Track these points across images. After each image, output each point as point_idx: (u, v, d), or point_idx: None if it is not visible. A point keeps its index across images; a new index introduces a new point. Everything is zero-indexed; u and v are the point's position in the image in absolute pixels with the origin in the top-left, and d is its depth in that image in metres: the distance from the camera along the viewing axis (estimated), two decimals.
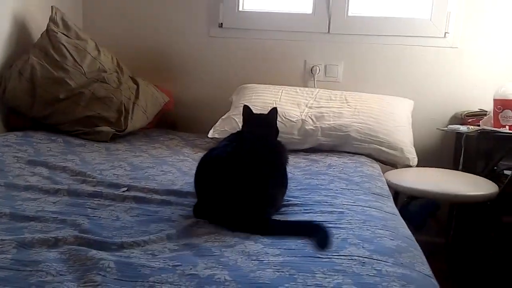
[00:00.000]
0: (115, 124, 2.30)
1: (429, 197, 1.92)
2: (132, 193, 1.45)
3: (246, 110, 1.60)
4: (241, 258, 0.93)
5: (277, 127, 1.61)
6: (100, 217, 1.21)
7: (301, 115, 2.29)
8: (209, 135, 2.27)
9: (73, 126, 2.27)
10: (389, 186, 1.87)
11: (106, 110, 2.31)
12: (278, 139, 1.58)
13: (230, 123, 2.26)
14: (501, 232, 2.07)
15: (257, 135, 1.48)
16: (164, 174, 1.75)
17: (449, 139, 2.49)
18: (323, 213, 1.27)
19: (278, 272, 0.89)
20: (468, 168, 2.21)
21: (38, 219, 1.16)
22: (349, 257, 0.94)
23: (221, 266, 0.91)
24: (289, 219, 1.24)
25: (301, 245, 1.00)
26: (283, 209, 1.32)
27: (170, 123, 2.75)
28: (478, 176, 2.09)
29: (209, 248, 0.99)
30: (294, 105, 2.36)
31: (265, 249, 0.98)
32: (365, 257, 0.94)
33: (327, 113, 2.30)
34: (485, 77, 2.48)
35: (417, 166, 2.17)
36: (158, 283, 0.85)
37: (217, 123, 2.31)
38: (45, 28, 2.35)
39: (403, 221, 1.33)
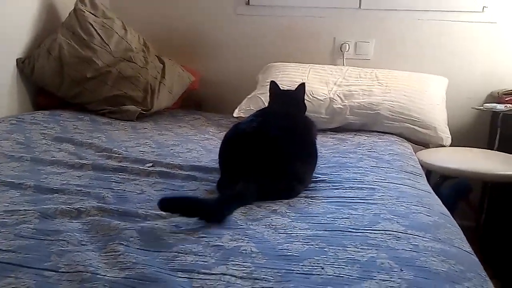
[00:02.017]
0: (141, 103, 2.29)
1: (462, 176, 1.83)
2: (158, 169, 1.43)
3: (273, 85, 1.55)
4: (268, 231, 0.89)
5: (304, 104, 1.56)
6: (124, 190, 1.19)
7: (329, 93, 2.22)
8: (235, 114, 2.23)
9: (100, 105, 2.27)
10: (421, 165, 1.79)
11: (132, 89, 2.30)
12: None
13: (256, 102, 2.22)
14: None
15: (284, 111, 1.43)
16: (189, 151, 1.72)
17: (484, 119, 2.38)
18: (352, 189, 1.22)
19: (307, 245, 0.85)
20: (504, 148, 2.10)
21: (62, 191, 1.15)
22: (382, 232, 0.88)
23: (247, 238, 0.87)
24: (318, 194, 1.19)
25: (331, 219, 0.95)
26: (312, 185, 1.27)
27: (195, 102, 2.73)
28: None
29: (234, 221, 0.95)
30: (322, 84, 2.29)
31: (293, 223, 0.94)
32: (400, 232, 0.89)
33: (356, 91, 2.22)
34: None
35: (451, 146, 2.08)
36: (182, 253, 0.82)
37: (243, 102, 2.27)
38: (73, 7, 2.35)
39: (438, 198, 1.27)
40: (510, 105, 2.17)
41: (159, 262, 0.79)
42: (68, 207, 1.01)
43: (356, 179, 1.33)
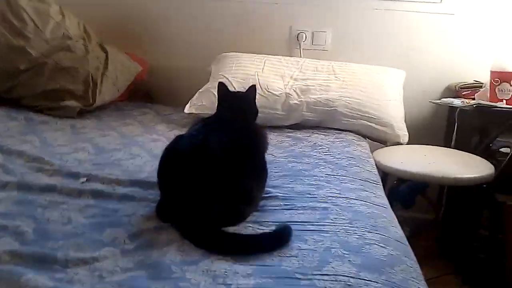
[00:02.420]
0: (82, 97, 2.11)
1: (419, 180, 1.79)
2: (92, 185, 1.28)
3: (222, 88, 1.42)
4: (205, 280, 0.79)
5: (256, 108, 1.45)
6: (49, 219, 1.05)
7: (285, 88, 2.11)
8: (186, 110, 2.09)
9: (36, 100, 2.08)
10: (377, 167, 1.74)
11: (71, 82, 2.11)
12: (260, 115, 1.43)
13: (208, 97, 2.08)
14: (494, 211, 1.97)
15: (231, 120, 1.31)
16: (132, 158, 1.58)
17: (442, 113, 2.35)
18: (305, 209, 1.13)
19: None
20: (462, 145, 2.08)
21: None
22: (332, 277, 0.80)
23: None
24: (268, 218, 1.09)
25: (277, 261, 0.86)
26: (262, 203, 1.17)
27: (144, 94, 2.56)
28: (472, 155, 1.95)
29: (168, 265, 0.84)
30: (277, 77, 2.18)
31: (234, 266, 0.84)
32: (351, 277, 0.80)
33: (313, 86, 2.12)
34: (482, 47, 2.31)
35: (408, 142, 2.04)
36: None
37: (194, 97, 2.13)
38: None
39: (393, 215, 1.20)
40: (467, 100, 2.14)
41: None
42: None
43: (310, 194, 1.25)
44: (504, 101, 2.03)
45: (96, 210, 1.12)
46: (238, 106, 1.39)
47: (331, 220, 1.07)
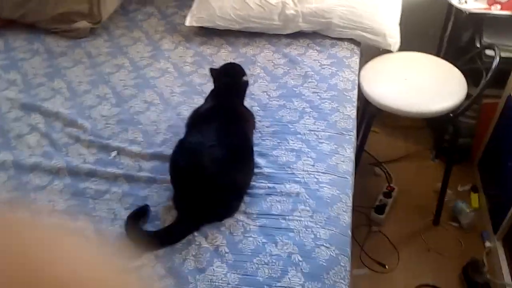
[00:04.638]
0: (89, 15, 2.24)
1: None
2: (122, 160, 1.66)
3: (213, 73, 1.64)
4: None
5: (244, 81, 1.66)
6: (101, 217, 1.49)
7: None
8: (187, 23, 2.21)
9: (50, 24, 2.23)
10: (361, 92, 1.97)
11: (77, 2, 2.20)
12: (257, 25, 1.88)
13: (207, 8, 2.17)
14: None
15: (223, 104, 1.57)
16: (147, 109, 1.88)
17: (439, 11, 2.33)
18: (282, 195, 1.50)
19: None
20: (452, 51, 2.18)
21: None
22: None
23: None
24: (253, 208, 1.48)
25: (254, 270, 1.31)
26: (249, 191, 1.52)
27: None
28: (455, 70, 2.01)
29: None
30: None
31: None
32: None
33: None
34: None
35: (403, 47, 2.15)
36: None
37: (194, 7, 2.22)
38: None
39: (350, 189, 1.56)
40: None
41: None
42: None
43: (289, 168, 1.59)
44: (499, 6, 2.02)
45: (131, 200, 1.52)
46: (228, 85, 1.63)
47: (299, 213, 1.46)
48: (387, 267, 2.11)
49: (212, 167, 1.41)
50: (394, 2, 2.17)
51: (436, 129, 2.53)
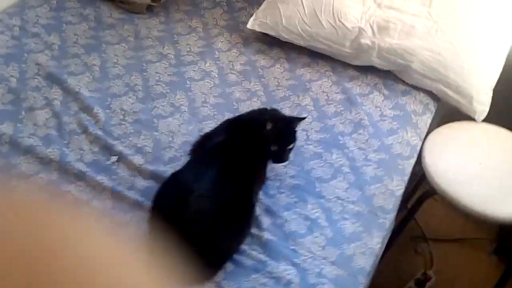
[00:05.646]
0: None
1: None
2: (118, 170, 1.48)
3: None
4: None
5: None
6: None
7: (361, 19, 1.80)
8: (249, 25, 1.94)
9: None
10: (420, 162, 1.62)
11: None
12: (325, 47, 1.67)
13: (274, 15, 1.89)
14: None
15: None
16: (171, 114, 1.67)
17: None
18: (271, 279, 1.23)
19: None
20: None
21: None
22: None
23: None
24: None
25: None
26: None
27: None
28: None
29: None
30: (357, 0, 1.83)
31: None
32: None
33: (394, 23, 1.77)
34: None
35: (487, 118, 1.75)
36: None
37: (260, 10, 1.94)
38: None
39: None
40: None
41: None
42: None
43: (289, 247, 1.31)
44: None
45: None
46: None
47: None
48: None
49: (195, 220, 1.18)
50: (493, 60, 1.74)
51: None
